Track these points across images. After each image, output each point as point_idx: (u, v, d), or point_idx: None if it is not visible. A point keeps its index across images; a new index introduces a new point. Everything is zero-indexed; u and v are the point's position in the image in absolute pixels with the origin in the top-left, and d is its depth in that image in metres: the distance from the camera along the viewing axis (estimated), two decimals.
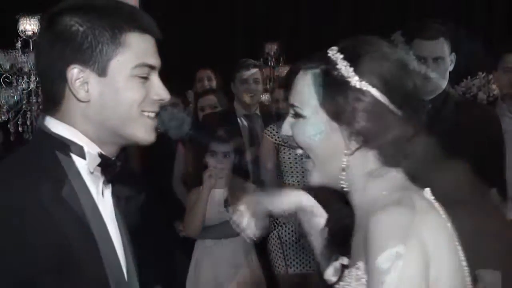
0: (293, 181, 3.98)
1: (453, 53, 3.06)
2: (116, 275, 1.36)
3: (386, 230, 1.15)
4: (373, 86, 1.25)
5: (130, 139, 1.38)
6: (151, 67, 1.37)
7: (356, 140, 1.26)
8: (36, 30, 4.28)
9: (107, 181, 1.40)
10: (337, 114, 1.26)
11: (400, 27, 6.94)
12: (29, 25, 4.32)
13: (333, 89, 1.26)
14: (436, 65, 3.00)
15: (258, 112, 4.48)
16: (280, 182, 4.00)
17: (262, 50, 6.49)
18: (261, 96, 4.82)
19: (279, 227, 3.96)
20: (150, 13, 1.41)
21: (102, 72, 1.32)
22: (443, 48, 3.00)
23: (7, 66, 4.25)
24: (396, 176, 1.30)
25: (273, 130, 4.02)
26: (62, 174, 1.30)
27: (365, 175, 1.29)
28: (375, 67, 1.26)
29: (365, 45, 1.30)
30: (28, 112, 4.28)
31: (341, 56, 1.28)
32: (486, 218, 2.92)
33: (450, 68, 3.07)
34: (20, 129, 4.27)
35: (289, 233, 3.96)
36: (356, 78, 1.25)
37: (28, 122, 4.26)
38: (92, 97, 1.32)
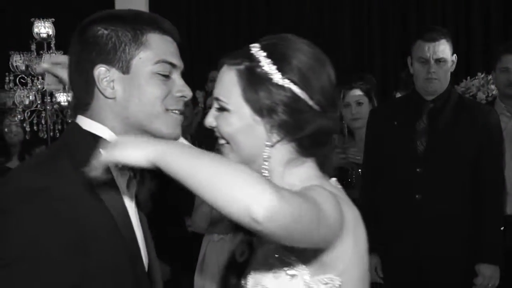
0: None
1: (455, 54, 3.13)
2: (138, 266, 1.45)
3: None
4: (294, 83, 1.31)
5: (156, 134, 1.46)
6: (172, 65, 1.46)
7: (277, 133, 1.34)
8: (50, 33, 4.38)
9: (133, 176, 1.49)
10: (260, 108, 1.32)
11: (400, 29, 7.04)
12: (43, 28, 4.42)
13: (256, 85, 1.32)
14: (438, 66, 3.07)
15: None
16: None
17: None
18: None
19: None
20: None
21: (126, 70, 1.42)
22: (444, 49, 3.07)
23: (23, 67, 4.35)
24: (311, 165, 1.40)
25: None
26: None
27: (284, 164, 1.38)
28: (296, 64, 1.32)
29: (286, 43, 1.36)
30: (43, 112, 4.37)
31: (264, 53, 1.34)
32: None
33: (452, 69, 3.13)
34: (35, 128, 4.38)
35: None
36: (279, 75, 1.31)
37: (43, 121, 4.37)
38: (118, 94, 1.42)
